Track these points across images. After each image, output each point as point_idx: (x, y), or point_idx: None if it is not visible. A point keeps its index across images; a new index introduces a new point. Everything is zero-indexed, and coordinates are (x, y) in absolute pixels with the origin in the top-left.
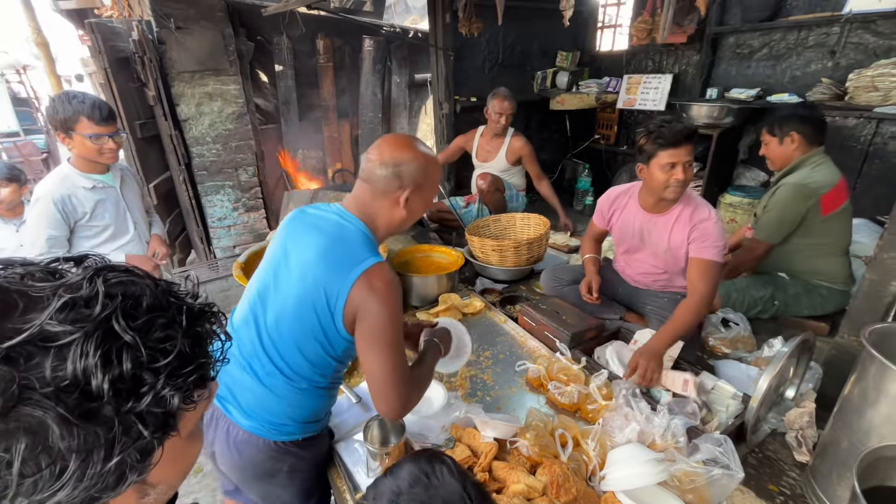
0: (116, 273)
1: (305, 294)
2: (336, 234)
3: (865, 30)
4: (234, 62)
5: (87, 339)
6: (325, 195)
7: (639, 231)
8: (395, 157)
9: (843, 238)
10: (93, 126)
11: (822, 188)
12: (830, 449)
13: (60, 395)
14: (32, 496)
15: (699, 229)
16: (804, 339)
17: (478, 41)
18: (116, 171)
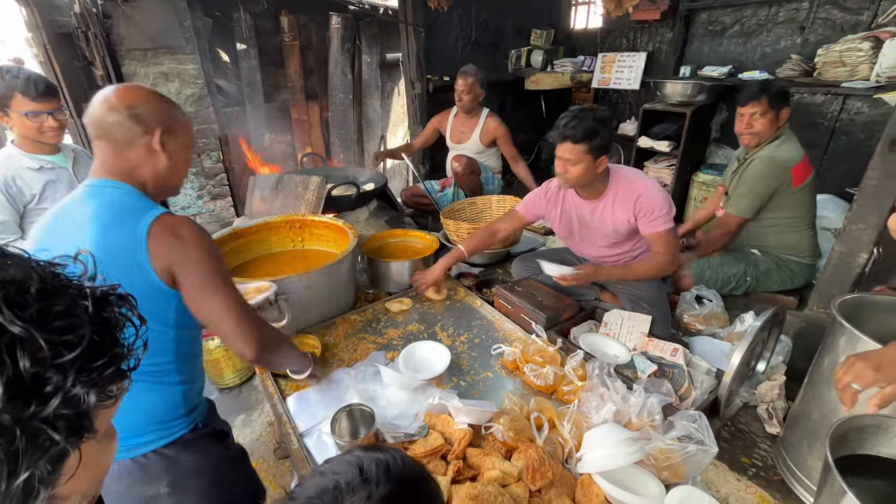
0: None
1: (108, 274)
2: (98, 203)
3: (833, 5)
4: (191, 39)
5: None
6: (291, 179)
7: (580, 218)
8: (126, 101)
9: (811, 211)
10: (29, 102)
11: (792, 161)
12: (801, 420)
13: None
14: None
15: (640, 204)
16: (775, 313)
17: (450, 18)
18: (69, 152)
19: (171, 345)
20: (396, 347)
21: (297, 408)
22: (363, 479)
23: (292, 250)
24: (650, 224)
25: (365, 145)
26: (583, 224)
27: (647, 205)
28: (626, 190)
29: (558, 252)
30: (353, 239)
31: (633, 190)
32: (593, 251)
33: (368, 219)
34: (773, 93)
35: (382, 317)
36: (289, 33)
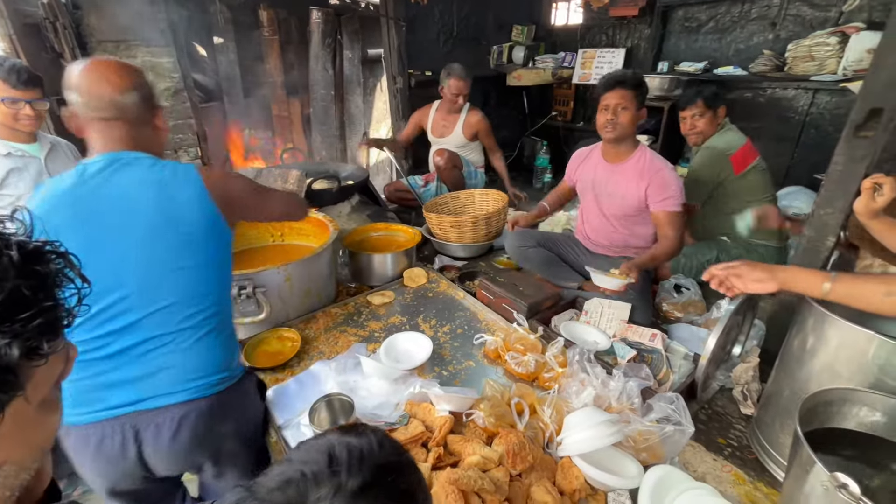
0: None
1: (168, 224)
2: (143, 169)
3: (803, 2)
4: (166, 32)
5: None
6: (270, 172)
7: (595, 180)
8: (131, 81)
9: (766, 193)
10: (8, 89)
11: (730, 149)
12: (773, 399)
13: None
14: None
15: (655, 181)
16: (748, 297)
17: (430, 12)
18: (45, 143)
19: (226, 292)
20: (378, 339)
21: (276, 400)
22: (332, 470)
23: (272, 245)
24: (662, 202)
25: (347, 142)
26: (599, 185)
27: (663, 181)
28: (649, 164)
29: (554, 237)
30: (334, 232)
31: (653, 166)
32: (597, 220)
33: (351, 213)
34: (707, 95)
35: (364, 310)
36: (268, 27)
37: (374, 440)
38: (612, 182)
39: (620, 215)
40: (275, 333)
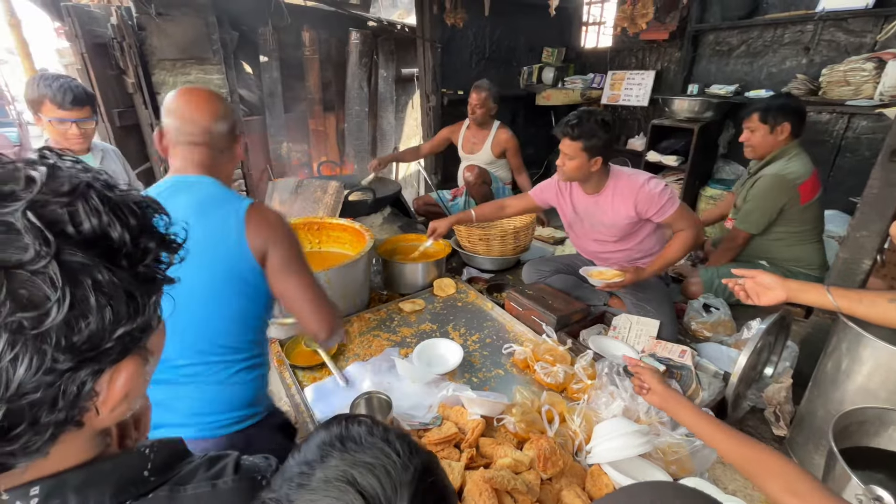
0: (54, 152)
1: (206, 252)
2: (195, 192)
3: (838, 27)
4: (218, 51)
5: (87, 201)
6: (310, 184)
7: (583, 210)
8: (226, 112)
9: (818, 225)
10: (56, 110)
11: (800, 178)
12: (807, 420)
13: (90, 245)
14: (105, 329)
15: (641, 198)
16: (781, 317)
17: (465, 35)
18: (97, 152)
19: (261, 326)
20: (410, 345)
21: (315, 397)
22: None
23: (310, 251)
24: (660, 212)
25: (378, 156)
26: (584, 216)
27: (647, 197)
28: (626, 185)
29: (570, 259)
30: (370, 241)
31: (632, 185)
32: (593, 246)
33: (382, 224)
34: (762, 108)
35: (396, 316)
36: (309, 47)
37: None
38: (598, 211)
39: (618, 237)
40: None
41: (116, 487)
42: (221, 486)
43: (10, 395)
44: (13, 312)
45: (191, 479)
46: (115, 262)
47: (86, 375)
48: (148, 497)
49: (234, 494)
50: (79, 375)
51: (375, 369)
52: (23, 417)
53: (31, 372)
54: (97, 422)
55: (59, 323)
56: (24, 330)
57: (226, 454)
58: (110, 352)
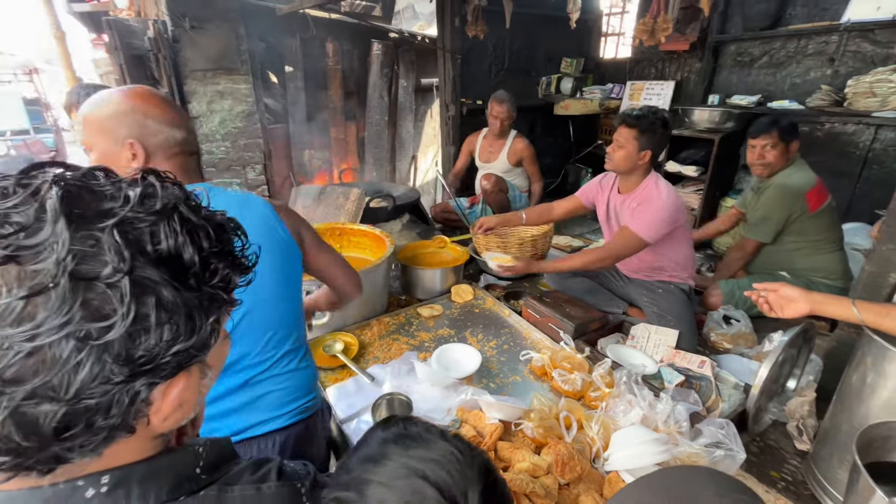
0: (156, 175)
1: (264, 248)
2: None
3: (863, 38)
4: (246, 62)
5: (168, 221)
6: (333, 190)
7: (610, 209)
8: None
9: (835, 233)
10: None
11: (805, 187)
12: (831, 434)
13: (162, 263)
14: (161, 345)
15: (640, 206)
16: (804, 329)
17: (485, 46)
18: None
19: (301, 318)
20: (428, 349)
21: (337, 398)
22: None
23: None
24: (631, 219)
25: (397, 164)
26: (613, 216)
27: (644, 208)
28: (646, 191)
29: None
30: (390, 246)
31: (647, 193)
32: None
33: (401, 230)
34: (784, 126)
35: (414, 320)
36: (333, 58)
37: (452, 448)
38: (623, 212)
39: None
40: (334, 338)
41: (173, 483)
42: (265, 491)
43: (69, 398)
44: (84, 321)
45: (237, 481)
46: (184, 281)
47: (140, 386)
48: (199, 494)
49: (277, 499)
50: (133, 386)
51: (395, 372)
52: (79, 420)
53: (90, 378)
54: (149, 429)
55: (122, 336)
56: (89, 339)
57: (269, 459)
58: (165, 367)
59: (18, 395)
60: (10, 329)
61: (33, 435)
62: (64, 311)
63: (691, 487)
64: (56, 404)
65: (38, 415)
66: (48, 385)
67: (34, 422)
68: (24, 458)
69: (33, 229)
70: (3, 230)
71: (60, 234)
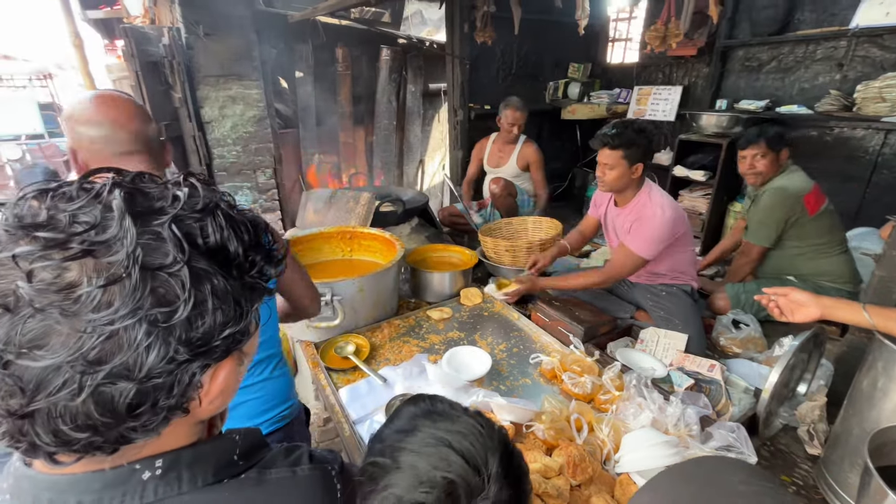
0: (196, 177)
1: None
2: None
3: (872, 44)
4: (258, 68)
5: (214, 218)
6: (343, 194)
7: (611, 222)
8: (147, 114)
9: (837, 236)
10: None
11: (802, 191)
12: (842, 439)
13: (211, 255)
14: (216, 328)
15: (638, 223)
16: (815, 334)
17: (492, 52)
18: None
19: (277, 332)
20: (438, 351)
21: (349, 399)
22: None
23: (342, 259)
24: (630, 238)
25: (404, 168)
26: (612, 228)
27: (641, 225)
28: (641, 206)
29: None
30: (401, 250)
31: (645, 209)
32: None
33: (410, 234)
34: (771, 136)
35: (424, 323)
36: (342, 63)
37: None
38: (618, 223)
39: None
40: (346, 339)
41: (216, 467)
42: (300, 473)
43: (140, 377)
44: (152, 307)
45: (273, 465)
46: (229, 271)
47: (196, 368)
48: (241, 477)
49: (311, 480)
50: (191, 367)
51: (406, 373)
52: (147, 398)
53: (159, 359)
54: (199, 411)
55: (184, 319)
56: (157, 322)
57: (298, 445)
58: (216, 349)
59: (100, 374)
60: (92, 314)
61: (109, 412)
62: (136, 298)
63: (720, 475)
64: (130, 383)
65: (114, 393)
66: (124, 365)
67: (110, 399)
68: (98, 435)
69: (102, 227)
70: (74, 228)
71: (128, 230)
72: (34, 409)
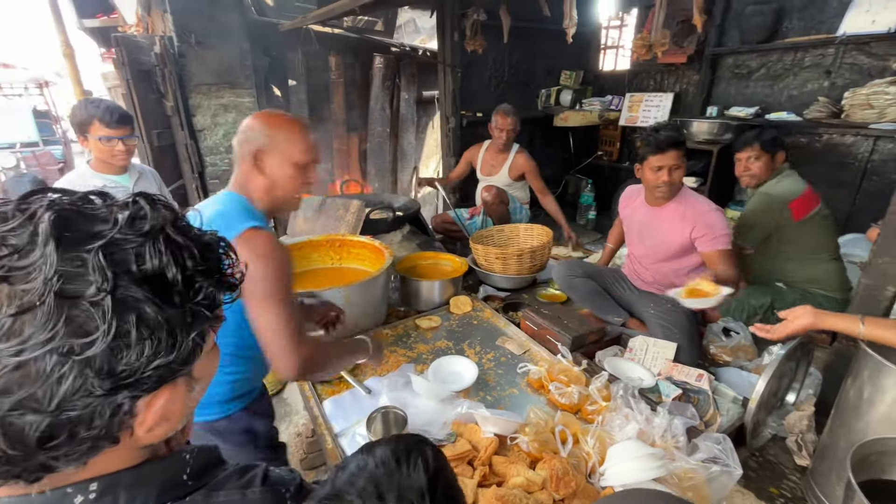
0: (147, 198)
1: None
2: (213, 210)
3: (860, 51)
4: (250, 76)
5: (154, 242)
6: (333, 202)
7: (639, 223)
8: (245, 126)
9: (827, 242)
10: (104, 129)
11: (790, 196)
12: (829, 450)
13: (147, 282)
14: (142, 360)
15: (700, 223)
16: (802, 342)
17: (484, 59)
18: (134, 172)
19: (231, 337)
20: (426, 361)
21: (333, 410)
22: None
23: (331, 267)
24: (712, 242)
25: (399, 175)
26: (642, 227)
27: (708, 223)
28: (691, 207)
29: (601, 269)
30: (389, 258)
31: (697, 209)
32: (643, 259)
33: (401, 241)
34: (765, 139)
35: (413, 332)
36: (335, 71)
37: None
38: (653, 225)
39: (665, 257)
40: None
41: (160, 489)
42: (250, 496)
43: (51, 410)
44: (67, 337)
45: (223, 486)
46: (168, 298)
47: (122, 399)
48: (185, 500)
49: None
50: (115, 399)
51: (392, 384)
52: (62, 430)
53: (73, 391)
54: (137, 440)
55: (104, 350)
56: (72, 353)
57: (255, 465)
58: (146, 380)
59: (5, 405)
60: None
61: (19, 444)
62: (49, 328)
63: None
64: (40, 415)
65: (23, 425)
66: (33, 397)
67: (20, 431)
68: (11, 466)
69: (26, 251)
70: (0, 251)
71: (49, 256)
72: None
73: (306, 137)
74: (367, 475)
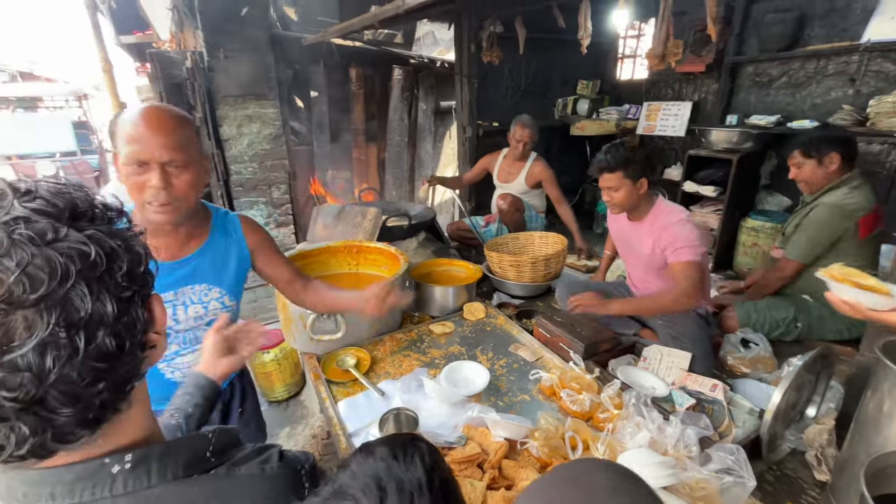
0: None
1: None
2: None
3: (885, 58)
4: (274, 88)
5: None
6: (351, 209)
7: (625, 237)
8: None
9: (872, 262)
10: None
11: (861, 210)
12: (848, 465)
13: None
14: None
15: (666, 235)
16: (822, 354)
17: (501, 70)
18: None
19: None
20: (438, 366)
21: (347, 412)
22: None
23: (348, 272)
24: (674, 254)
25: (416, 184)
26: (626, 242)
27: (671, 235)
28: (659, 222)
29: (604, 285)
30: (404, 264)
31: (662, 222)
32: (636, 270)
33: (417, 248)
34: (805, 142)
35: (426, 337)
36: (356, 83)
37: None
38: (635, 238)
39: (651, 269)
40: (347, 351)
41: (187, 462)
42: (269, 471)
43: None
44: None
45: (244, 462)
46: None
47: (137, 307)
48: (210, 473)
49: (280, 479)
50: (136, 303)
51: (405, 387)
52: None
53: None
54: (153, 355)
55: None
56: (96, 268)
57: (271, 445)
58: (145, 284)
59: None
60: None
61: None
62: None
63: (587, 475)
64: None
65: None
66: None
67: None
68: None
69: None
70: None
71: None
72: None
73: (138, 122)
74: (367, 471)
